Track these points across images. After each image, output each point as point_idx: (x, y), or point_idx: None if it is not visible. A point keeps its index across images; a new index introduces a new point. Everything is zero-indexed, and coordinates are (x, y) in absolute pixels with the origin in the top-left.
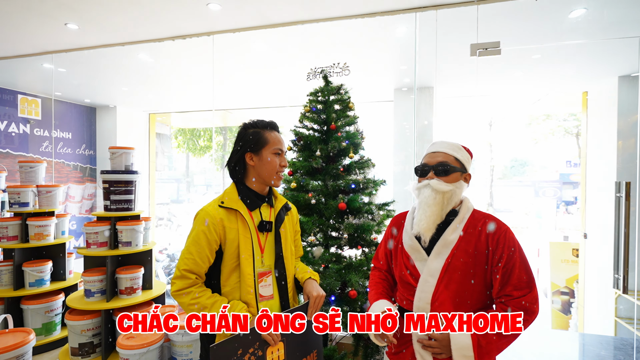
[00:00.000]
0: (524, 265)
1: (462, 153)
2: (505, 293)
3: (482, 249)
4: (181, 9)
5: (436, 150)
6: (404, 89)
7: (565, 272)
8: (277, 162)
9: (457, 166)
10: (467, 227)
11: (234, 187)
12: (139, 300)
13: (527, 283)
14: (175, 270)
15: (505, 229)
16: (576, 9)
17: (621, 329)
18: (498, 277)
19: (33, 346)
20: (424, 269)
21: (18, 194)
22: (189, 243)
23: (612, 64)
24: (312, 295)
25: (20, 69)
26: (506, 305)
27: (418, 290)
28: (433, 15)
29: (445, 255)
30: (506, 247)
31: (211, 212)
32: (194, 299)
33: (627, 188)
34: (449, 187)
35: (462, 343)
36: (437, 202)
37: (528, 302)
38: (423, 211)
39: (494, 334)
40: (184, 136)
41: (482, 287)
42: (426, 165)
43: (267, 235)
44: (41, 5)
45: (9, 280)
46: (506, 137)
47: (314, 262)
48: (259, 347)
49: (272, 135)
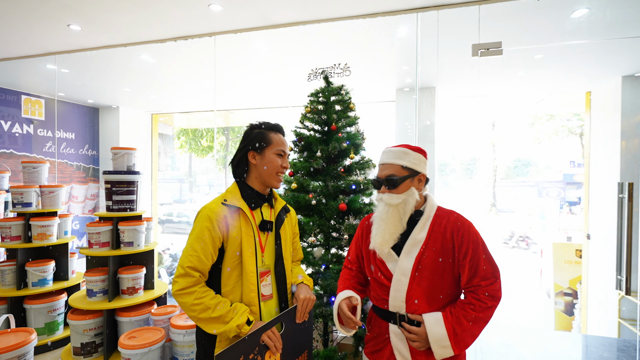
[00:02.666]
0: (488, 258)
1: (410, 157)
2: (473, 284)
3: (448, 245)
4: (183, 10)
5: (383, 162)
6: (406, 89)
7: (568, 273)
8: (279, 163)
9: (405, 174)
10: (432, 225)
11: (236, 186)
12: (140, 300)
13: (492, 273)
14: (178, 268)
15: (468, 224)
16: (579, 8)
17: (624, 331)
18: (466, 271)
19: (36, 345)
20: (396, 269)
21: (21, 194)
22: (193, 240)
23: (616, 64)
24: (299, 298)
25: (24, 69)
26: (476, 294)
27: (392, 290)
28: (434, 16)
29: (415, 254)
30: (471, 242)
31: (215, 209)
32: (197, 299)
33: (630, 189)
34: (400, 199)
35: (438, 335)
36: (390, 214)
37: (495, 290)
38: (377, 226)
39: (468, 322)
40: (186, 136)
41: (451, 281)
42: (379, 178)
43: (267, 235)
44: (44, 7)
45: (12, 280)
46: (509, 137)
47: (314, 263)
48: (259, 352)
49: (276, 136)
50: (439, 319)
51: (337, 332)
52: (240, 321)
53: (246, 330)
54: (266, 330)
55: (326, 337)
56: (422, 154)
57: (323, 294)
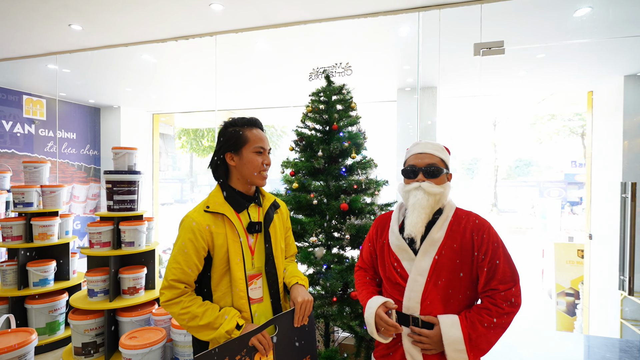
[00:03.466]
0: (508, 260)
1: (445, 153)
2: (491, 287)
3: (467, 245)
4: (184, 10)
5: (422, 152)
6: (407, 88)
7: (570, 273)
8: (259, 161)
9: (443, 167)
10: (451, 224)
11: (219, 190)
12: (141, 300)
13: (511, 277)
14: (163, 280)
15: (488, 225)
16: (581, 7)
17: (627, 331)
18: (484, 272)
19: (37, 345)
20: (413, 269)
21: (22, 194)
22: (176, 252)
23: (618, 63)
24: (297, 302)
25: (25, 69)
26: (493, 298)
27: (407, 290)
28: (436, 15)
29: (433, 254)
30: (491, 243)
31: (197, 219)
32: (184, 309)
33: (632, 189)
34: (440, 189)
35: (453, 337)
36: (429, 204)
37: (513, 296)
38: (418, 213)
39: (484, 327)
40: (187, 136)
41: (468, 283)
42: (415, 166)
43: (257, 236)
44: (45, 7)
45: (13, 280)
46: (511, 137)
47: (315, 263)
48: (247, 353)
49: (252, 133)
50: (456, 321)
51: (338, 333)
52: (230, 327)
53: (236, 335)
54: (256, 333)
55: (327, 338)
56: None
57: (325, 294)
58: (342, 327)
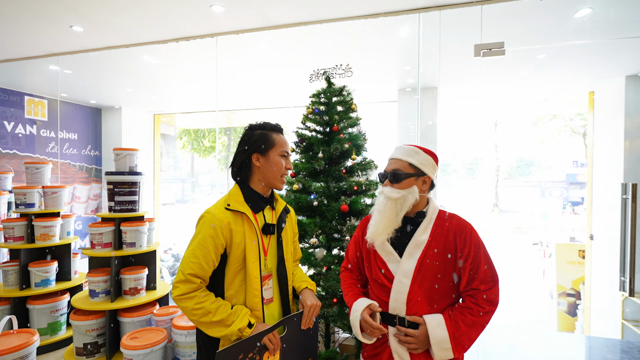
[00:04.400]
0: (488, 261)
1: (420, 157)
2: (472, 287)
3: (450, 247)
4: (185, 11)
5: (392, 157)
6: (408, 89)
7: (571, 274)
8: (283, 164)
9: (411, 172)
10: (435, 227)
11: (238, 189)
12: (143, 300)
13: (491, 277)
14: (178, 273)
15: (470, 227)
16: (582, 8)
17: (628, 332)
18: (467, 273)
19: (39, 346)
20: (398, 270)
21: (24, 195)
22: (195, 246)
23: (619, 64)
24: (307, 305)
25: (27, 70)
26: (475, 298)
27: (393, 291)
28: (437, 16)
29: (417, 256)
30: (473, 245)
31: (218, 215)
32: (198, 304)
33: (633, 190)
34: (400, 194)
35: (439, 337)
36: (388, 207)
37: (493, 295)
38: (374, 217)
39: (466, 326)
40: (188, 137)
41: (451, 283)
42: (384, 171)
43: (270, 238)
44: (47, 8)
45: (15, 281)
46: (512, 137)
47: (316, 264)
48: (258, 352)
49: (279, 137)
50: (441, 321)
51: (338, 333)
52: (242, 324)
53: (248, 333)
54: (269, 332)
55: (328, 338)
56: (433, 158)
57: (325, 295)
58: (342, 328)
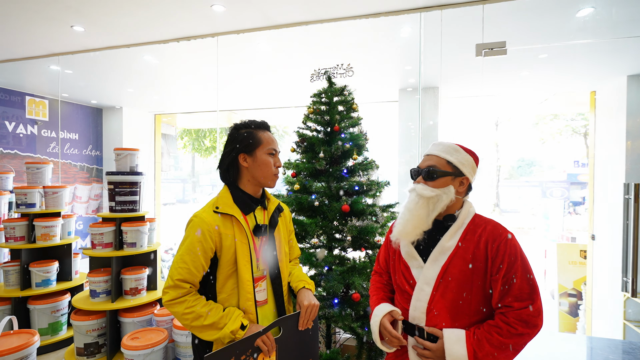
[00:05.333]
0: (526, 275)
1: (459, 155)
2: (505, 304)
3: (480, 256)
4: (185, 11)
5: (429, 153)
6: (409, 89)
7: (572, 274)
8: (272, 163)
9: (449, 170)
10: (465, 233)
11: (227, 191)
12: (143, 301)
13: (528, 294)
14: (167, 279)
15: (506, 235)
16: (584, 7)
17: (630, 333)
18: (498, 287)
19: (39, 346)
20: (420, 277)
21: (25, 195)
22: (183, 251)
23: (621, 63)
24: (303, 305)
25: (28, 70)
26: (506, 316)
27: (413, 299)
28: (438, 15)
29: (442, 263)
30: (507, 255)
31: (206, 219)
32: (188, 308)
33: (635, 190)
34: (434, 193)
35: (456, 354)
36: (419, 206)
37: (530, 315)
38: (402, 215)
39: (492, 347)
40: (189, 137)
41: (480, 297)
42: (417, 168)
43: (262, 239)
44: (48, 8)
45: (15, 281)
46: (513, 137)
47: (317, 265)
48: (251, 354)
49: (265, 135)
50: (461, 337)
51: (339, 334)
52: (234, 327)
53: (240, 335)
54: (263, 334)
55: (329, 339)
56: (474, 159)
57: (326, 295)
58: (343, 328)
